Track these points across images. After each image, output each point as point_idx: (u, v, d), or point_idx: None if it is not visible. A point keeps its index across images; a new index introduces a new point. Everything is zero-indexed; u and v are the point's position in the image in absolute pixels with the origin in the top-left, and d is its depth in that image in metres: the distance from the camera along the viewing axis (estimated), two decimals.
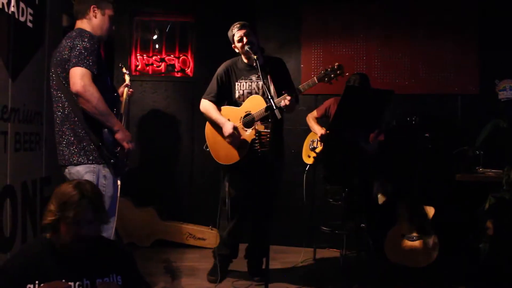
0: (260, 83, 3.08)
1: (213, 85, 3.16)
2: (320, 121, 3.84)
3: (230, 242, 3.25)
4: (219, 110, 3.14)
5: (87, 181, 1.83)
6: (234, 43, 3.10)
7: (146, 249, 4.06)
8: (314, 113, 3.90)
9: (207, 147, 3.19)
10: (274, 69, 3.02)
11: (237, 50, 3.14)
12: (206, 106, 3.14)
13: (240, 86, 3.12)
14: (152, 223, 4.16)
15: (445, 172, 3.75)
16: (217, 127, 3.11)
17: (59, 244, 1.71)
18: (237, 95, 3.12)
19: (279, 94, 2.94)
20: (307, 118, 3.93)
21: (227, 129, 3.00)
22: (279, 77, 3.02)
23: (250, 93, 3.10)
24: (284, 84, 3.02)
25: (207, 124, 3.19)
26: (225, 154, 3.10)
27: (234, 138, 3.02)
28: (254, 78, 3.11)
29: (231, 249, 3.27)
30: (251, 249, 3.37)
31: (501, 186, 3.13)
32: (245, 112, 3.05)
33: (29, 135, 2.75)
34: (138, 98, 4.46)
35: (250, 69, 3.13)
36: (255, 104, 3.00)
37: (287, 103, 2.83)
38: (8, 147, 2.48)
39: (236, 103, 3.13)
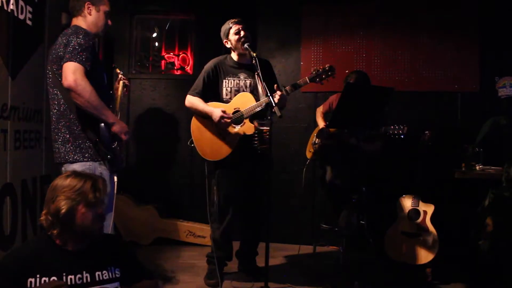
0: (248, 81, 3.10)
1: (199, 81, 3.10)
2: (326, 116, 3.84)
3: (224, 244, 3.18)
4: None
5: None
6: (228, 36, 3.08)
7: (146, 247, 4.06)
8: (321, 108, 3.91)
9: (191, 142, 3.10)
10: (263, 70, 3.00)
11: (228, 45, 3.11)
12: (192, 100, 3.08)
13: (228, 83, 3.09)
14: (152, 221, 4.16)
15: (445, 169, 3.75)
16: (204, 122, 3.06)
17: (66, 236, 1.72)
18: (224, 92, 3.08)
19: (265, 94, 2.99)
20: (316, 112, 3.94)
21: (216, 115, 2.94)
22: (267, 78, 3.02)
23: (237, 91, 3.08)
24: (272, 85, 3.04)
25: (193, 119, 3.12)
26: (211, 150, 3.05)
27: (225, 123, 2.95)
28: (242, 76, 3.10)
29: (225, 251, 3.21)
30: (244, 248, 3.34)
31: (500, 183, 3.13)
32: (234, 109, 3.03)
33: (29, 133, 2.76)
34: (137, 96, 4.46)
35: (238, 67, 3.11)
36: (244, 101, 3.00)
37: (278, 97, 2.82)
38: (8, 145, 2.48)
39: (223, 101, 3.08)
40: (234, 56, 3.14)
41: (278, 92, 2.87)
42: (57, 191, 1.71)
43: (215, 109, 2.97)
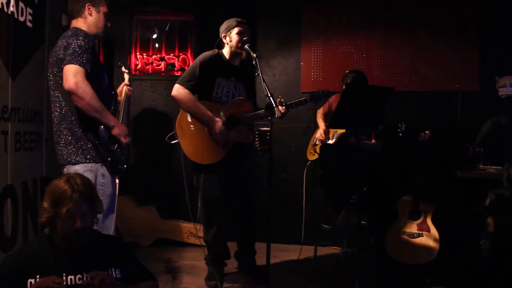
0: (238, 85, 3.10)
1: (193, 73, 2.99)
2: (327, 117, 3.83)
3: (217, 246, 3.18)
4: None
5: (77, 174, 1.86)
6: (229, 33, 3.04)
7: (147, 248, 4.06)
8: (321, 110, 3.91)
9: (172, 138, 3.00)
10: (251, 74, 2.99)
11: (225, 41, 3.08)
12: (187, 96, 2.97)
13: (220, 82, 3.05)
14: (153, 222, 4.16)
15: (445, 169, 3.75)
16: (196, 122, 2.99)
17: (58, 239, 1.73)
18: (214, 91, 3.04)
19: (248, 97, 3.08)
20: (316, 113, 3.94)
21: (218, 126, 2.93)
22: (249, 83, 3.04)
23: (228, 92, 3.07)
24: (252, 90, 3.12)
25: (182, 115, 3.01)
26: (200, 152, 2.99)
27: (223, 136, 2.94)
28: (233, 78, 3.09)
29: (220, 252, 3.21)
30: (241, 249, 3.33)
31: (501, 183, 3.12)
32: (231, 113, 3.02)
33: (30, 134, 2.76)
34: (138, 97, 4.46)
35: (230, 67, 3.09)
36: (242, 107, 3.00)
37: (282, 111, 2.81)
38: (8, 146, 2.48)
39: (210, 98, 3.02)
40: (226, 54, 3.10)
41: (282, 108, 2.83)
42: (45, 195, 1.74)
43: (215, 119, 2.94)
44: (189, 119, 3.00)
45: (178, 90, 2.99)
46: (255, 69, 3.12)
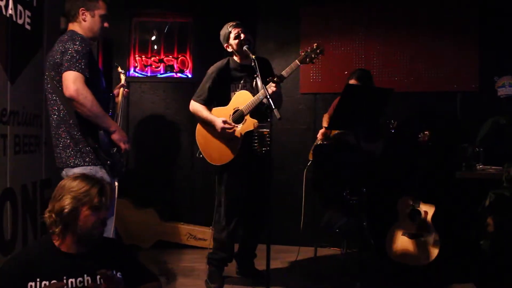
0: (253, 82, 3.09)
1: (204, 87, 3.13)
2: None
3: (228, 245, 3.19)
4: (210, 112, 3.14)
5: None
6: (228, 41, 3.08)
7: (146, 250, 4.06)
8: (327, 113, 3.90)
9: (200, 154, 3.17)
10: (262, 69, 2.97)
11: (229, 49, 3.12)
12: (196, 107, 3.14)
13: (235, 87, 3.11)
14: (153, 224, 4.15)
15: (445, 169, 3.75)
16: (208, 128, 3.12)
17: (78, 231, 1.74)
18: (231, 96, 3.10)
19: None
20: (323, 116, 3.94)
21: (218, 124, 3.00)
22: (267, 76, 3.01)
23: None
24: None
25: (197, 128, 3.20)
26: (219, 154, 3.09)
27: (227, 132, 3.00)
28: (247, 79, 3.11)
29: (228, 252, 3.21)
30: (243, 250, 3.34)
31: (501, 183, 3.13)
32: (233, 109, 3.05)
33: (29, 137, 2.75)
34: (136, 100, 4.46)
35: (242, 69, 3.11)
36: (243, 100, 3.01)
37: (274, 89, 2.84)
38: (7, 149, 2.48)
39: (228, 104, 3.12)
40: (236, 58, 3.14)
41: (272, 84, 2.87)
42: (64, 190, 1.73)
43: (217, 119, 3.02)
44: (203, 130, 3.16)
45: (191, 105, 3.17)
46: (264, 61, 3.18)
